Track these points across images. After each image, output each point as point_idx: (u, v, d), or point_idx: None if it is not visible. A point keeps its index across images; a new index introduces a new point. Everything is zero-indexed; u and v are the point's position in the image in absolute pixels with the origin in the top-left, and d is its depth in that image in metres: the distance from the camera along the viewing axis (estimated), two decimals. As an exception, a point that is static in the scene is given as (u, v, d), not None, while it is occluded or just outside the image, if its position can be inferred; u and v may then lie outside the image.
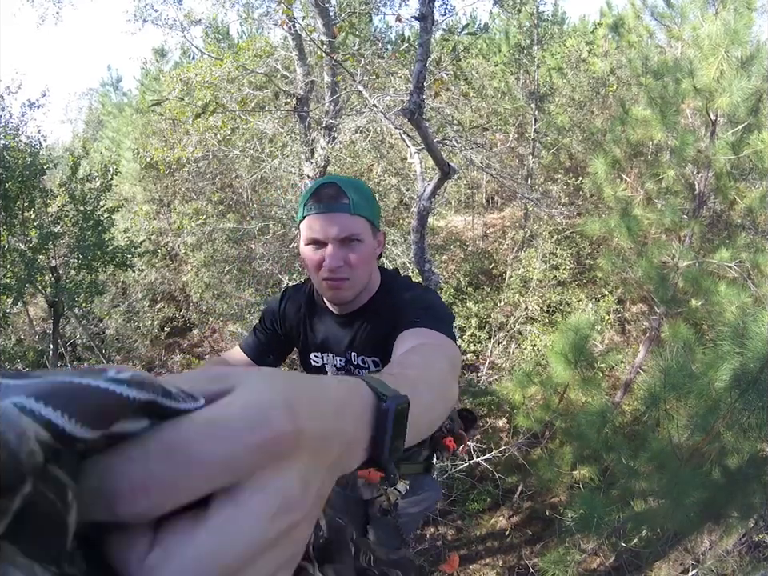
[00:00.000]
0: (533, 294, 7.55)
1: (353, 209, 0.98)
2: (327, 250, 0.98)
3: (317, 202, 0.98)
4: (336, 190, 0.98)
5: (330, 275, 0.99)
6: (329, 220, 0.97)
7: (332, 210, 0.97)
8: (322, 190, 0.99)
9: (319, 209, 0.98)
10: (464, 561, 5.10)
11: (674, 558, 3.73)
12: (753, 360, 2.33)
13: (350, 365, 1.19)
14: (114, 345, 9.22)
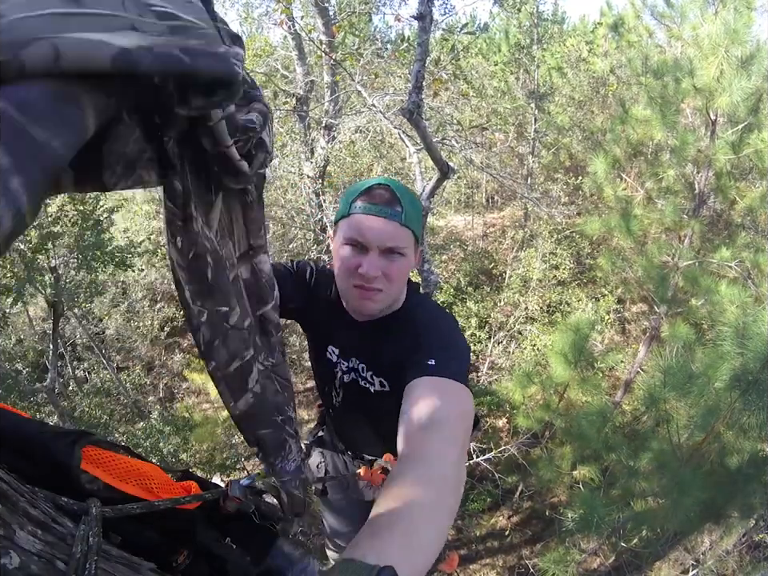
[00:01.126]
0: (533, 293, 7.55)
1: (404, 219, 0.91)
2: (368, 256, 0.90)
3: (369, 202, 0.90)
4: (391, 195, 0.92)
5: (364, 283, 0.92)
6: (378, 225, 0.90)
7: (384, 214, 0.90)
8: (376, 190, 0.92)
9: (370, 210, 0.90)
10: (464, 561, 5.10)
11: (673, 558, 3.73)
12: (753, 360, 2.33)
13: (356, 374, 1.13)
14: (114, 345, 9.22)
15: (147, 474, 0.79)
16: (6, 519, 0.51)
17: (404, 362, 0.90)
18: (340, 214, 0.96)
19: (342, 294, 1.04)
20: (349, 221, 0.92)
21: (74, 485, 0.69)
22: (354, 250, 0.92)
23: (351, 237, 0.92)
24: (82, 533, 0.59)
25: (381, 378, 1.07)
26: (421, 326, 0.96)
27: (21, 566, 0.50)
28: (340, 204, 0.98)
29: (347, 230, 0.93)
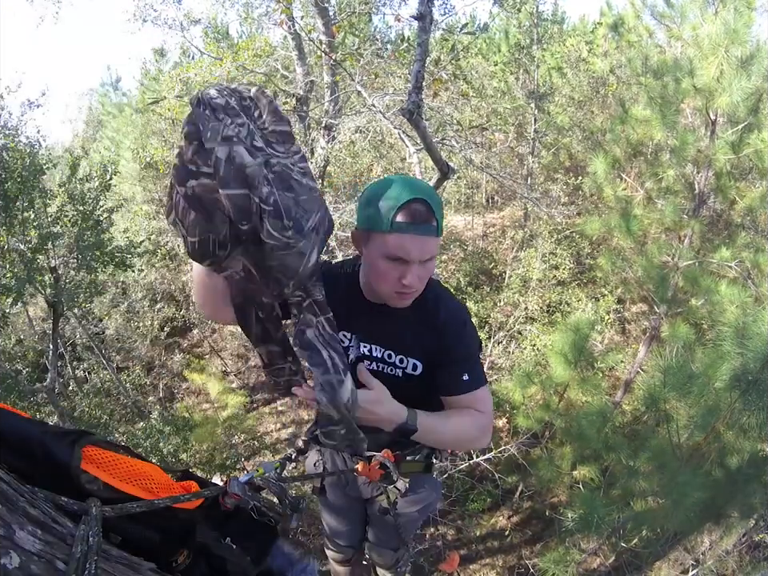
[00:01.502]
0: (533, 293, 7.55)
1: (439, 231, 1.00)
2: (410, 269, 0.99)
3: (411, 222, 0.96)
4: (427, 210, 0.97)
5: (406, 291, 1.03)
6: (420, 243, 0.97)
7: (424, 232, 0.97)
8: (414, 207, 0.96)
9: (412, 230, 0.96)
10: (464, 561, 5.10)
11: (673, 558, 3.73)
12: (753, 360, 2.33)
13: (381, 363, 1.19)
14: (114, 345, 9.22)
15: (147, 474, 0.79)
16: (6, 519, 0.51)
17: (436, 355, 1.14)
18: (376, 225, 0.99)
19: (375, 293, 1.11)
20: (390, 238, 0.97)
21: (74, 485, 0.69)
22: (395, 263, 1.00)
23: (395, 254, 0.99)
24: (81, 533, 0.59)
25: (414, 359, 1.17)
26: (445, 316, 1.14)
27: (21, 565, 0.50)
28: (371, 209, 0.99)
29: (389, 247, 0.98)
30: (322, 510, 1.66)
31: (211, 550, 0.96)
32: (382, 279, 1.04)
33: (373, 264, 1.04)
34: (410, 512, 1.52)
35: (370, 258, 1.05)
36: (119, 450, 0.79)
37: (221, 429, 6.08)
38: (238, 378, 9.05)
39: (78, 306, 6.01)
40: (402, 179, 1.01)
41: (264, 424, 7.98)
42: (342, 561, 1.75)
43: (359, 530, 1.69)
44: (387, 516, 1.44)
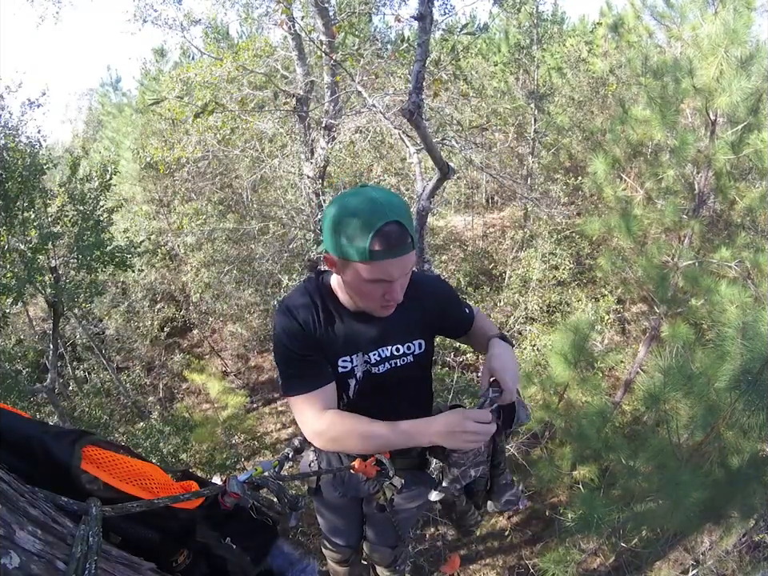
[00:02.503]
0: (532, 293, 7.55)
1: (414, 244, 1.01)
2: (393, 286, 1.03)
3: (388, 249, 0.95)
4: (400, 230, 0.96)
5: (392, 302, 1.07)
6: (399, 263, 0.99)
7: (401, 253, 0.98)
8: (387, 231, 0.95)
9: (391, 254, 0.97)
10: (464, 561, 5.10)
11: (673, 558, 3.73)
12: (753, 360, 2.32)
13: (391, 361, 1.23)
14: (114, 345, 9.22)
15: (147, 474, 0.79)
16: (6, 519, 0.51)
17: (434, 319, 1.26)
18: (352, 256, 0.98)
19: (366, 309, 1.14)
20: (370, 266, 0.98)
21: (74, 485, 0.69)
22: (379, 284, 1.03)
23: (379, 278, 1.01)
24: (82, 533, 0.59)
25: (417, 340, 1.25)
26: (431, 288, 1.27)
27: (21, 565, 0.50)
28: (342, 239, 0.97)
29: (372, 273, 0.99)
30: (318, 510, 1.65)
31: (211, 549, 0.96)
32: (366, 298, 1.07)
33: (355, 288, 1.06)
34: (407, 509, 1.53)
35: (350, 282, 1.05)
36: (119, 450, 0.79)
37: (221, 429, 6.08)
38: (238, 377, 9.05)
39: (78, 305, 6.01)
40: (364, 198, 0.97)
41: (264, 424, 7.98)
42: (340, 561, 1.75)
43: (356, 529, 1.69)
44: (384, 513, 1.45)
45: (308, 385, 1.14)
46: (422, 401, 1.39)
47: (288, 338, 1.14)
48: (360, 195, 0.99)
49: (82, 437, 0.73)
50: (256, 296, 8.25)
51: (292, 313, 1.14)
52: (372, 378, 1.23)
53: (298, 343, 1.13)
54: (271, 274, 7.61)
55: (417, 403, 1.34)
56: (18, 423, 0.70)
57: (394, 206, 0.97)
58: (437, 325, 1.30)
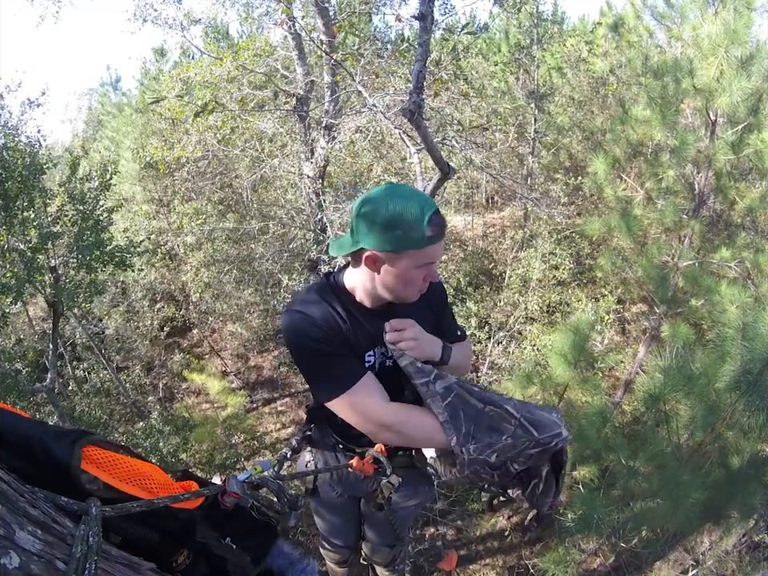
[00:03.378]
0: (532, 293, 7.55)
1: None
2: (433, 267, 1.14)
3: (439, 233, 1.09)
4: (443, 218, 1.11)
5: (427, 284, 1.17)
6: (441, 245, 1.13)
7: (443, 236, 1.13)
8: (436, 220, 1.08)
9: (441, 238, 1.11)
10: (464, 561, 5.10)
11: (674, 558, 3.73)
12: (753, 360, 2.32)
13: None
14: (114, 344, 9.22)
15: (147, 474, 0.79)
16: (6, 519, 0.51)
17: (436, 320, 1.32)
18: (410, 245, 1.06)
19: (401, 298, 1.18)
20: (425, 251, 1.08)
21: (74, 485, 0.69)
22: (424, 269, 1.12)
23: (428, 262, 1.11)
24: (82, 533, 0.59)
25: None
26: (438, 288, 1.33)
27: (21, 565, 0.50)
28: (399, 232, 1.04)
29: (424, 258, 1.09)
30: (315, 511, 1.65)
31: (211, 549, 0.96)
32: (411, 285, 1.14)
33: (400, 276, 1.11)
34: (404, 507, 1.53)
35: (397, 272, 1.10)
36: (119, 450, 0.79)
37: (220, 429, 6.08)
38: (238, 377, 9.05)
39: (78, 305, 6.01)
40: (405, 194, 1.07)
41: (264, 424, 7.98)
42: (339, 561, 1.75)
43: (355, 529, 1.69)
44: (382, 512, 1.45)
45: (351, 379, 1.13)
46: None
47: (313, 341, 1.11)
48: (398, 193, 1.08)
49: (81, 437, 0.73)
50: (256, 296, 8.25)
51: (309, 315, 1.12)
52: (384, 370, 1.25)
53: (324, 343, 1.11)
54: (271, 273, 7.61)
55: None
56: (18, 423, 0.70)
57: (426, 197, 1.14)
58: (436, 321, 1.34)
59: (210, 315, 9.26)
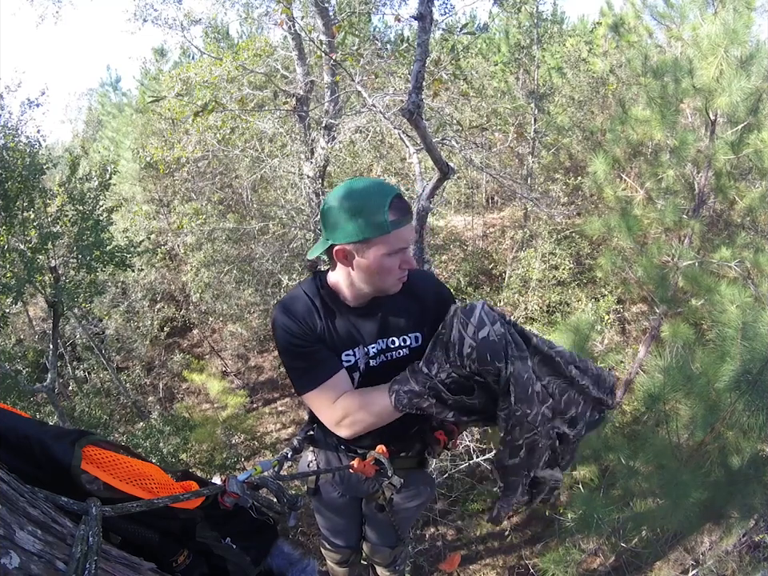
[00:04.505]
0: (532, 293, 7.55)
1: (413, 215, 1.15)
2: (407, 253, 1.13)
3: (402, 216, 1.08)
4: (405, 202, 1.11)
5: (405, 273, 1.15)
6: (409, 230, 1.12)
7: (410, 219, 1.13)
8: (397, 204, 1.07)
9: (405, 222, 1.09)
10: (464, 561, 5.10)
11: (674, 558, 3.72)
12: (753, 360, 2.32)
13: (387, 353, 1.24)
14: (114, 345, 9.22)
15: (147, 474, 0.79)
16: (6, 519, 0.51)
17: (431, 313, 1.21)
18: (374, 232, 1.06)
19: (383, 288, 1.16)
20: (390, 237, 1.07)
21: (74, 485, 0.69)
22: (397, 255, 1.10)
23: (399, 246, 1.09)
24: (82, 533, 0.59)
25: (414, 333, 1.25)
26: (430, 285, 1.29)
27: (21, 565, 0.50)
28: (361, 220, 1.05)
29: (393, 243, 1.08)
30: (317, 511, 1.65)
31: (211, 549, 0.96)
32: (387, 274, 1.12)
33: (375, 266, 1.10)
34: (406, 508, 1.53)
35: (370, 262, 1.09)
36: (119, 450, 0.79)
37: (221, 429, 6.08)
38: (238, 377, 9.05)
39: (78, 305, 6.00)
40: (363, 185, 1.09)
41: (264, 424, 7.98)
42: (339, 562, 1.75)
43: (356, 529, 1.69)
44: (383, 513, 1.44)
45: (317, 377, 1.16)
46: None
47: (289, 335, 1.16)
48: (355, 185, 1.10)
49: (81, 437, 0.73)
50: (256, 296, 8.25)
51: (289, 310, 1.18)
52: (370, 370, 1.24)
53: (299, 338, 1.16)
54: (271, 273, 7.61)
55: None
56: (18, 423, 0.70)
57: (385, 183, 1.13)
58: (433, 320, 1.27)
59: (210, 315, 9.26)
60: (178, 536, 0.87)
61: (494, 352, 1.04)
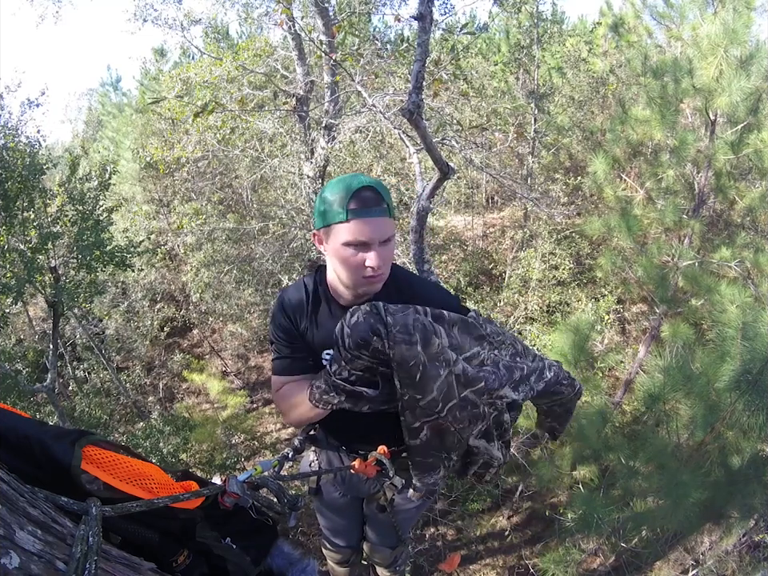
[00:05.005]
0: (532, 293, 7.55)
1: (390, 212, 1.07)
2: (372, 252, 1.05)
3: (362, 207, 1.03)
4: (375, 195, 1.05)
5: (374, 273, 1.07)
6: (375, 224, 1.04)
7: (377, 214, 1.04)
8: (363, 194, 1.03)
9: (365, 213, 1.03)
10: (464, 561, 5.10)
11: (674, 558, 3.72)
12: (753, 360, 2.32)
13: None
14: (114, 345, 9.22)
15: (147, 475, 0.79)
16: (6, 519, 0.51)
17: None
18: (333, 218, 1.05)
19: (351, 287, 1.14)
20: (348, 226, 1.04)
21: (74, 485, 0.69)
22: (356, 249, 1.05)
23: (354, 239, 1.04)
24: (82, 533, 0.59)
25: None
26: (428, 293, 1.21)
27: (21, 565, 0.50)
28: (325, 206, 1.06)
29: (347, 234, 1.04)
30: (318, 510, 1.65)
31: (211, 549, 0.96)
32: (347, 267, 1.08)
33: (336, 255, 1.09)
34: (407, 509, 1.52)
35: (333, 251, 1.09)
36: (119, 450, 0.79)
37: (221, 429, 6.08)
38: (238, 377, 9.05)
39: (78, 305, 6.00)
40: (347, 176, 1.08)
41: (264, 424, 7.98)
42: (340, 561, 1.75)
43: (357, 529, 1.69)
44: (384, 514, 1.44)
45: (283, 368, 1.23)
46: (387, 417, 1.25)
47: (275, 324, 1.23)
48: (343, 176, 1.10)
49: (81, 437, 0.73)
50: (256, 296, 8.24)
51: (284, 302, 1.23)
52: None
53: (282, 331, 1.22)
54: (271, 273, 7.61)
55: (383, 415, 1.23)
56: (18, 423, 0.70)
57: (371, 179, 1.07)
58: None
59: (210, 315, 9.26)
60: (178, 536, 0.87)
61: (362, 332, 0.99)
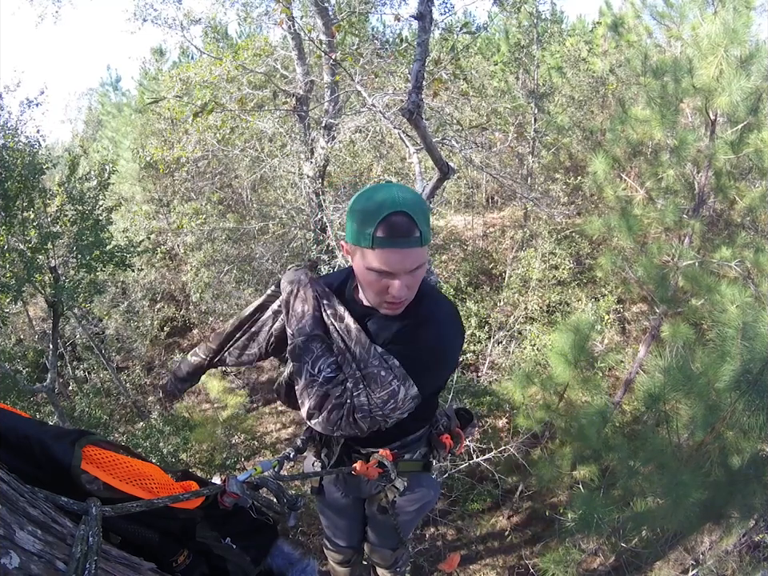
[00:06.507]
0: (532, 293, 7.55)
1: (423, 241, 0.97)
2: (397, 282, 0.99)
3: (391, 237, 0.94)
4: (409, 223, 0.95)
5: (395, 300, 1.02)
6: (402, 256, 0.96)
7: (407, 245, 0.95)
8: (394, 221, 0.94)
9: (394, 244, 0.95)
10: (464, 561, 5.10)
11: (673, 558, 3.73)
12: (753, 360, 2.32)
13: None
14: (114, 345, 9.22)
15: (147, 474, 0.79)
16: (6, 519, 0.51)
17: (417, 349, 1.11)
18: (359, 241, 0.98)
19: (372, 305, 1.11)
20: (374, 253, 0.96)
21: (74, 485, 0.69)
22: (381, 275, 0.99)
23: (379, 268, 0.98)
24: (82, 533, 0.59)
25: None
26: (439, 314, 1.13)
27: (21, 565, 0.50)
28: (354, 224, 0.99)
29: (373, 261, 0.97)
30: (320, 510, 1.65)
31: (211, 549, 0.96)
32: (370, 289, 1.05)
33: (361, 275, 1.05)
34: (409, 511, 1.52)
35: (358, 269, 1.05)
36: (119, 450, 0.79)
37: (221, 429, 6.08)
38: (238, 377, 9.04)
39: (78, 305, 6.00)
40: (385, 190, 0.98)
41: (264, 424, 7.98)
42: (341, 562, 1.75)
43: (358, 530, 1.69)
44: (386, 515, 1.44)
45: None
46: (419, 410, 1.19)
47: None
48: (381, 188, 1.00)
49: (81, 437, 0.73)
50: (256, 296, 8.22)
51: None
52: None
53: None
54: (271, 273, 7.60)
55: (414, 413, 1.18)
56: (18, 423, 0.70)
57: (408, 200, 0.97)
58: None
59: (210, 315, 9.26)
60: (177, 536, 0.87)
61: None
